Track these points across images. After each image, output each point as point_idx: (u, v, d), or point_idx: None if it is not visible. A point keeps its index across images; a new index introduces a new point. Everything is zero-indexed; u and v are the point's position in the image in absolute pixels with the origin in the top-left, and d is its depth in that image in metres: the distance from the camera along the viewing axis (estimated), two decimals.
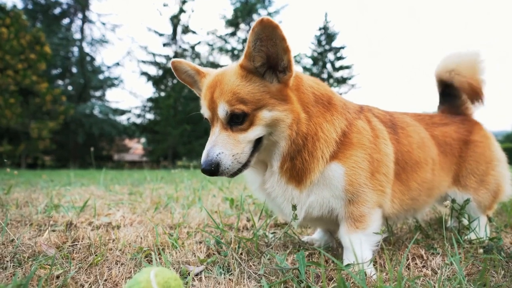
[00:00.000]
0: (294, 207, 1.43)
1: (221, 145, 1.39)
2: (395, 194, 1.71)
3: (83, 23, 32.76)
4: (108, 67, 33.81)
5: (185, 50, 33.61)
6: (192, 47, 33.63)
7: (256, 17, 33.22)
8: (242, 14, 32.43)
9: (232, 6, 33.39)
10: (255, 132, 1.41)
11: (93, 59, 33.15)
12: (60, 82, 31.98)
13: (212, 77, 1.50)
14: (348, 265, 1.42)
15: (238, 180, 5.41)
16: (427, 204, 2.01)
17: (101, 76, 33.21)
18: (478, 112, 2.33)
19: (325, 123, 1.50)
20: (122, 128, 32.16)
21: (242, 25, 33.37)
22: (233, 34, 33.64)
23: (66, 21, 32.71)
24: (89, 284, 1.32)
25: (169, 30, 33.17)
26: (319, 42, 37.18)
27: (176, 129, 28.39)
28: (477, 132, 2.16)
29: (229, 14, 33.36)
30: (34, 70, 23.20)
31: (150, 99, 32.13)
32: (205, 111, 1.50)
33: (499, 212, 2.88)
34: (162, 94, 31.67)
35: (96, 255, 1.58)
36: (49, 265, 1.46)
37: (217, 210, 2.85)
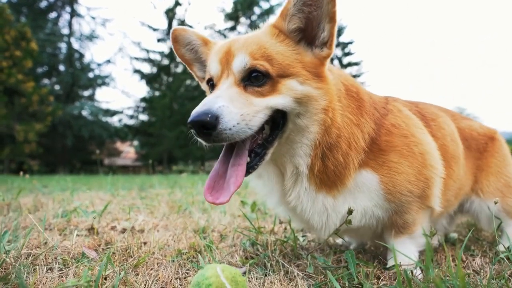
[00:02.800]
0: (350, 212, 1.42)
1: (228, 98, 1.15)
2: None
3: (71, 17, 33.09)
4: (98, 65, 34.08)
5: None
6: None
7: (257, 11, 33.50)
8: (243, 7, 32.75)
9: None
10: (278, 100, 1.22)
11: (82, 56, 33.44)
12: (46, 81, 32.17)
13: (229, 40, 1.38)
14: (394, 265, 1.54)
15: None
16: (453, 207, 1.99)
17: (90, 74, 33.45)
18: (484, 111, 2.40)
19: (356, 127, 1.41)
20: (113, 130, 32.34)
21: (242, 19, 33.69)
22: (232, 28, 33.97)
23: (53, 15, 33.09)
24: (139, 284, 1.44)
25: (164, 24, 33.51)
26: None
27: (172, 131, 28.52)
28: (500, 135, 2.19)
29: (229, 7, 33.86)
30: (20, 68, 23.32)
31: (143, 99, 32.36)
32: (213, 67, 1.31)
33: None
34: (157, 93, 31.90)
35: (142, 256, 1.71)
36: (93, 266, 1.59)
37: (240, 214, 2.99)
